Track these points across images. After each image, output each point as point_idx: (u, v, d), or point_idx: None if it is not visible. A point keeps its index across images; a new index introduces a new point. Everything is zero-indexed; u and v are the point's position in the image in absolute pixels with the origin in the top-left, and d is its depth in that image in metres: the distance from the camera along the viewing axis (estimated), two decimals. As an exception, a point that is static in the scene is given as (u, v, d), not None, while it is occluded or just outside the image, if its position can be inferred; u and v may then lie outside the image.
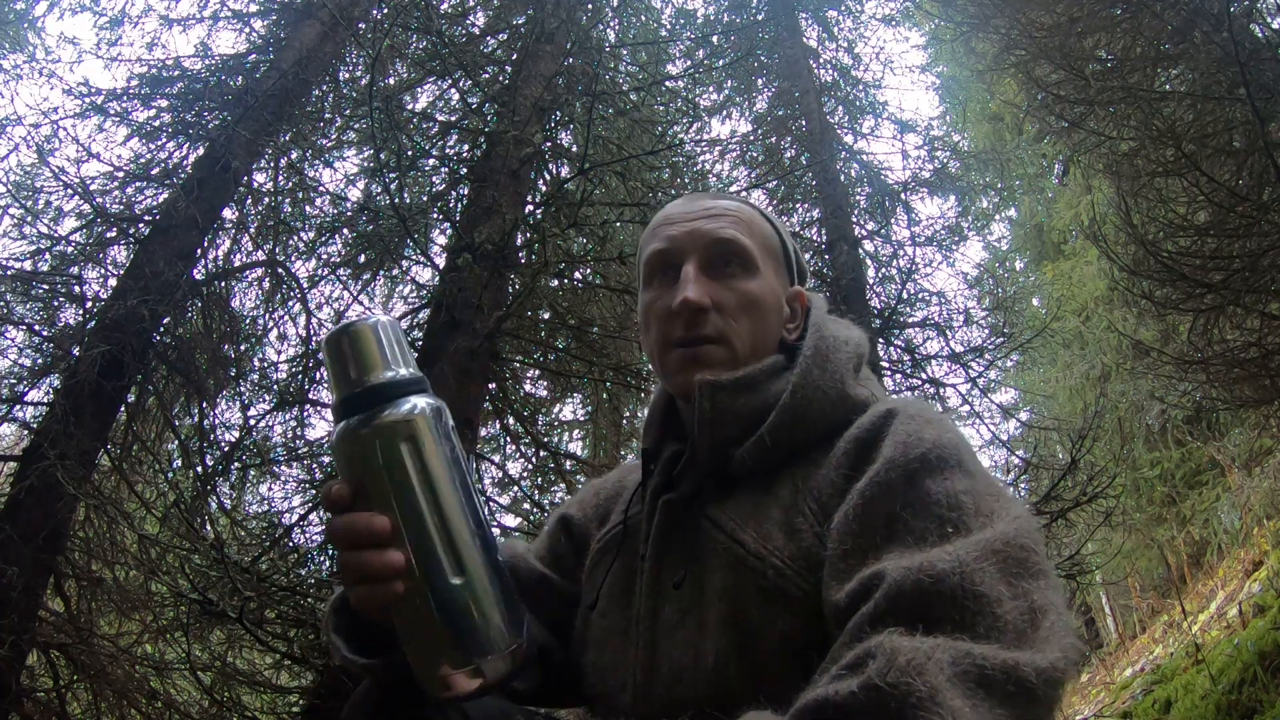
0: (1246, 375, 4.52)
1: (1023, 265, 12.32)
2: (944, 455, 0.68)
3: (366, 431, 0.62)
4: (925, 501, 0.65)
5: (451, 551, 0.63)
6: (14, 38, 5.75)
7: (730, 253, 0.87)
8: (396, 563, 0.62)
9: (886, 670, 0.51)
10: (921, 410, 0.74)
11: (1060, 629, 0.57)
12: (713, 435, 0.80)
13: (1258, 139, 4.15)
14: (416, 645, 0.64)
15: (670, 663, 0.76)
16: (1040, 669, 0.53)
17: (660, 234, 0.90)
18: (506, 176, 4.11)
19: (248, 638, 3.09)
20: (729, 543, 0.76)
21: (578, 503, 1.04)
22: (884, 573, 0.60)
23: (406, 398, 0.64)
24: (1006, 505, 0.66)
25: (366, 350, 0.65)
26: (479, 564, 0.64)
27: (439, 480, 0.64)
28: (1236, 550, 7.69)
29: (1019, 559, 0.60)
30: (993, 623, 0.56)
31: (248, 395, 4.63)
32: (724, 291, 0.85)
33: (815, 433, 0.79)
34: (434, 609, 0.62)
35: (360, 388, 0.64)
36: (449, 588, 0.63)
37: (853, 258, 5.73)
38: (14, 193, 4.37)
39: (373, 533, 0.62)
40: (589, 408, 6.56)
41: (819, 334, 0.85)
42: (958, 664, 0.52)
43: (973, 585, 0.57)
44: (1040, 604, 0.58)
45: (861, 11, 8.23)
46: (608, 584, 0.88)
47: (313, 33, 5.15)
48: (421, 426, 0.63)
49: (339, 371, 0.65)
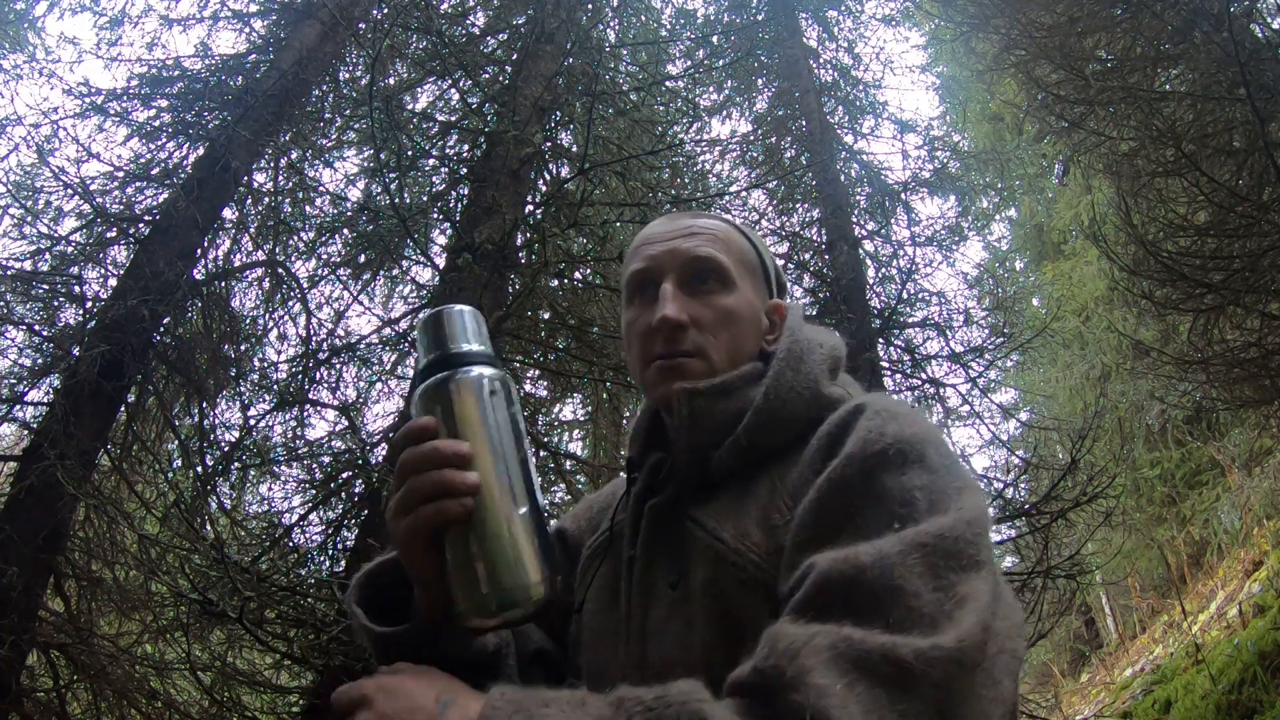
0: (1246, 375, 4.52)
1: (1023, 265, 12.33)
2: (904, 450, 0.69)
3: (449, 385, 0.73)
4: (879, 496, 0.67)
5: (511, 487, 0.72)
6: (14, 38, 5.76)
7: (707, 270, 0.90)
8: (474, 481, 0.69)
9: (768, 655, 0.57)
10: (889, 405, 0.75)
11: (969, 617, 0.58)
12: (691, 440, 0.83)
13: (1258, 139, 4.15)
14: (469, 570, 0.70)
15: (660, 657, 0.78)
16: (920, 649, 0.54)
17: (640, 254, 0.93)
18: (506, 176, 4.11)
19: (248, 638, 3.09)
20: (710, 540, 0.79)
21: (572, 517, 1.08)
22: (815, 564, 0.62)
23: (482, 365, 0.75)
24: (961, 498, 0.67)
25: (455, 327, 0.77)
26: (529, 504, 0.73)
27: (504, 429, 0.74)
28: (1236, 550, 7.69)
29: (951, 551, 0.61)
30: (905, 615, 0.57)
31: (248, 395, 4.63)
32: (701, 308, 0.88)
33: (791, 433, 0.82)
34: (497, 532, 0.70)
35: (447, 352, 0.75)
36: (512, 514, 0.71)
37: (853, 258, 5.73)
38: (14, 193, 4.37)
39: (458, 454, 0.69)
40: (589, 408, 6.56)
41: (792, 338, 0.88)
42: (835, 647, 0.55)
43: (890, 579, 0.59)
44: (961, 594, 0.59)
45: (861, 11, 8.24)
46: (595, 587, 0.92)
47: (313, 33, 5.15)
48: (496, 386, 0.75)
49: (429, 340, 0.76)
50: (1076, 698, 8.69)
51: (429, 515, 0.69)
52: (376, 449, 4.06)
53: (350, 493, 3.79)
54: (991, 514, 0.76)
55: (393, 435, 3.56)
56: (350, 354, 4.58)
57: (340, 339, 4.84)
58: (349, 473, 3.83)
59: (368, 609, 0.81)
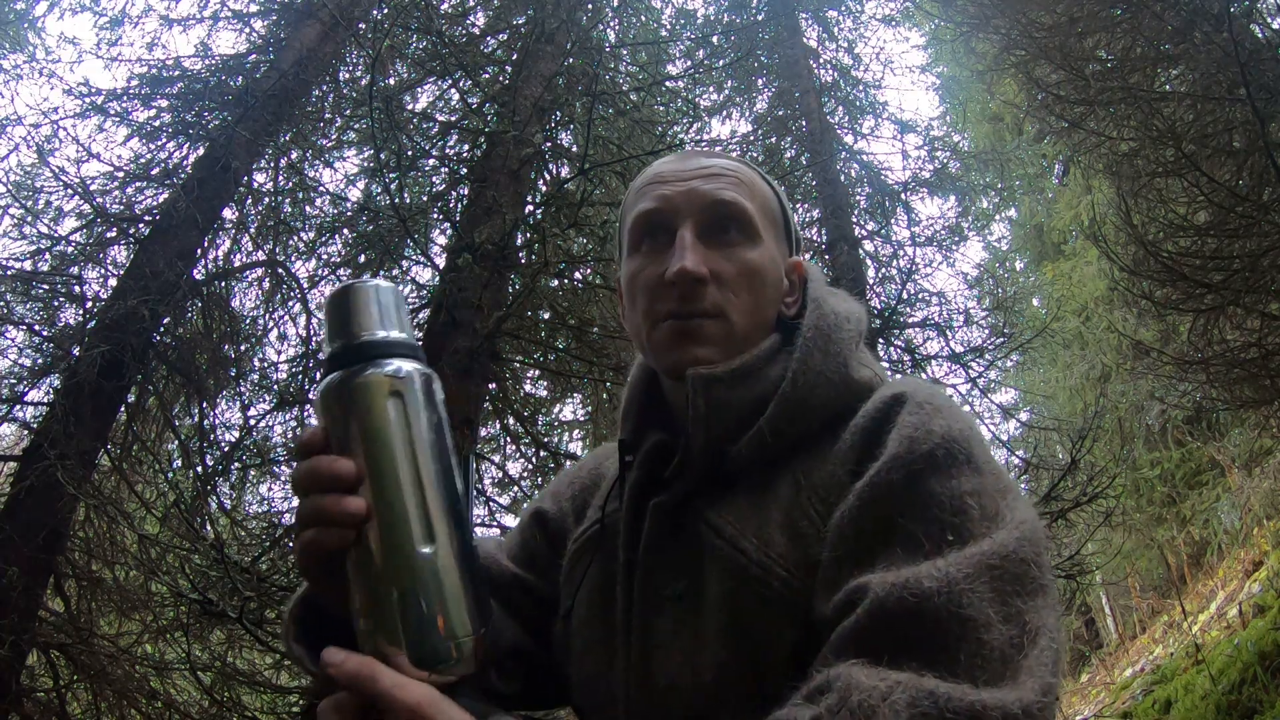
0: (1246, 375, 4.52)
1: (1023, 265, 12.33)
2: (952, 450, 0.62)
3: (350, 384, 0.59)
4: (927, 504, 0.60)
5: (422, 517, 0.58)
6: (14, 38, 5.75)
7: (730, 216, 0.77)
8: (355, 508, 0.56)
9: (839, 708, 0.50)
10: (930, 396, 0.68)
11: (1046, 661, 0.53)
12: (708, 433, 0.73)
13: (1258, 139, 4.15)
14: (367, 621, 0.57)
15: (666, 677, 0.70)
16: (1010, 713, 0.49)
17: (650, 193, 0.79)
18: (506, 176, 4.11)
19: (248, 638, 3.09)
20: (730, 550, 0.69)
21: (551, 495, 0.95)
22: (868, 587, 0.56)
23: (396, 358, 0.61)
24: (1013, 506, 0.61)
25: (364, 310, 0.62)
26: (448, 538, 0.59)
27: (418, 442, 0.60)
28: (1236, 550, 7.69)
29: (1016, 574, 0.56)
30: (977, 649, 0.52)
31: (248, 395, 4.64)
32: (723, 261, 0.76)
33: (817, 421, 0.73)
34: (393, 574, 0.57)
35: (352, 342, 0.61)
36: (414, 554, 0.57)
37: (853, 258, 5.74)
38: (14, 193, 4.37)
39: (334, 475, 0.57)
40: (589, 408, 6.56)
41: (819, 311, 0.77)
42: (915, 705, 0.49)
43: (959, 608, 0.53)
44: (1033, 627, 0.55)
45: (861, 11, 8.24)
46: (584, 589, 0.81)
47: (313, 33, 5.15)
48: (406, 386, 0.60)
49: (333, 327, 0.63)
50: (1077, 698, 8.70)
51: (305, 545, 0.59)
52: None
53: (350, 493, 3.78)
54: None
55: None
56: (350, 354, 4.57)
57: (340, 339, 4.83)
58: (349, 473, 3.82)
59: (309, 645, 0.69)
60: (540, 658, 0.85)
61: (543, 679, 0.86)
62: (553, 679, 0.85)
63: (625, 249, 0.82)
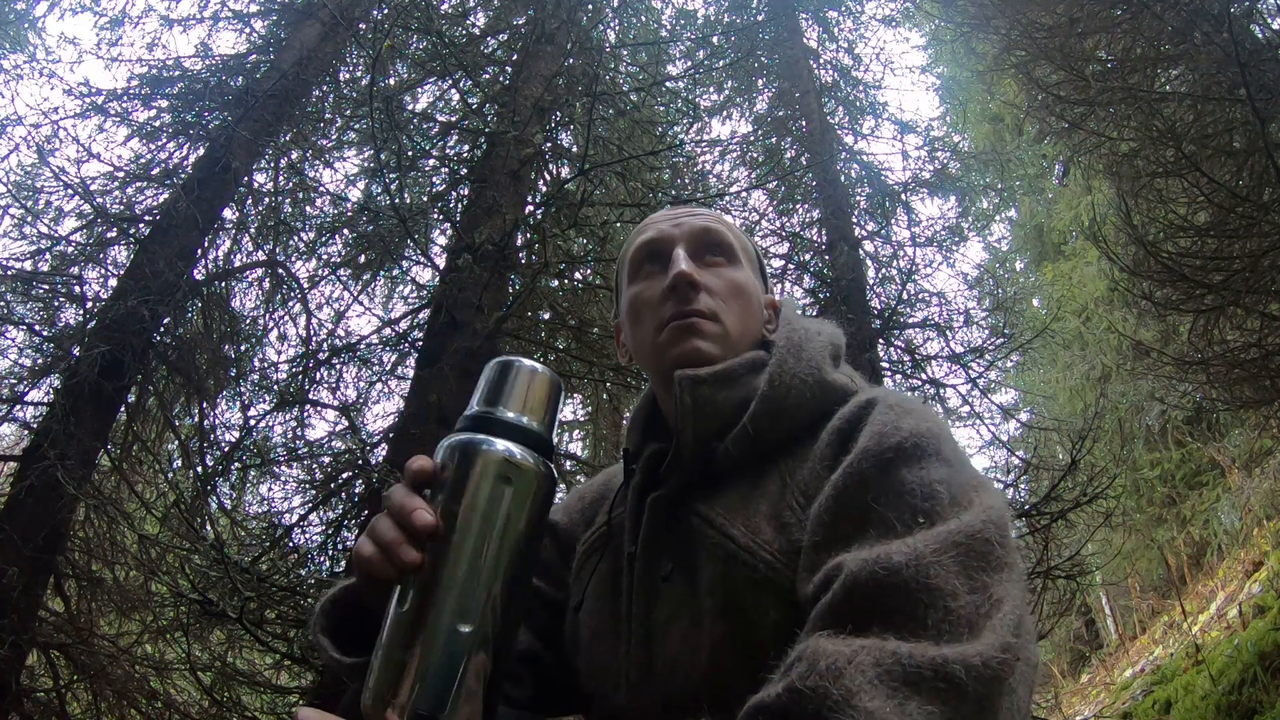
0: (1246, 376, 4.52)
1: (1023, 266, 12.33)
2: (921, 444, 0.68)
3: (470, 448, 0.63)
4: (899, 491, 0.65)
5: (472, 598, 0.59)
6: (14, 38, 5.76)
7: (716, 242, 0.91)
8: (409, 559, 0.59)
9: (807, 674, 0.53)
10: (901, 400, 0.74)
11: (1009, 624, 0.56)
12: (695, 428, 0.80)
13: (1258, 139, 4.15)
14: (382, 662, 0.59)
15: (666, 657, 0.76)
16: (970, 665, 0.53)
17: (646, 230, 0.93)
18: (506, 177, 4.11)
19: (248, 638, 3.09)
20: (719, 538, 0.75)
21: (563, 509, 1.03)
22: (843, 564, 0.60)
23: (522, 445, 0.64)
24: (982, 495, 0.65)
25: (515, 388, 0.66)
26: (489, 633, 0.60)
27: (507, 534, 0.61)
28: (1236, 551, 7.68)
29: (982, 551, 0.60)
30: (944, 615, 0.56)
31: (248, 395, 4.64)
32: (712, 278, 0.88)
33: (798, 423, 0.80)
34: (419, 634, 0.58)
35: (490, 413, 0.65)
36: (446, 627, 0.58)
37: (853, 258, 5.73)
38: (14, 193, 4.37)
39: (412, 520, 0.60)
40: (589, 408, 6.57)
41: (790, 326, 0.87)
42: (880, 664, 0.52)
43: (926, 579, 0.57)
44: (997, 597, 0.58)
45: (862, 12, 8.24)
46: (593, 584, 0.89)
47: (313, 33, 5.15)
48: (525, 480, 0.63)
49: (484, 390, 0.67)
50: (1076, 698, 8.69)
51: (360, 558, 0.63)
52: (376, 449, 4.06)
53: (350, 493, 3.79)
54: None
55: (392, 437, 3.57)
56: (350, 354, 4.58)
57: (340, 339, 4.85)
58: (349, 473, 3.83)
59: (336, 635, 0.75)
60: (550, 661, 0.92)
61: (549, 681, 0.91)
62: (558, 679, 0.91)
63: (625, 281, 0.94)
